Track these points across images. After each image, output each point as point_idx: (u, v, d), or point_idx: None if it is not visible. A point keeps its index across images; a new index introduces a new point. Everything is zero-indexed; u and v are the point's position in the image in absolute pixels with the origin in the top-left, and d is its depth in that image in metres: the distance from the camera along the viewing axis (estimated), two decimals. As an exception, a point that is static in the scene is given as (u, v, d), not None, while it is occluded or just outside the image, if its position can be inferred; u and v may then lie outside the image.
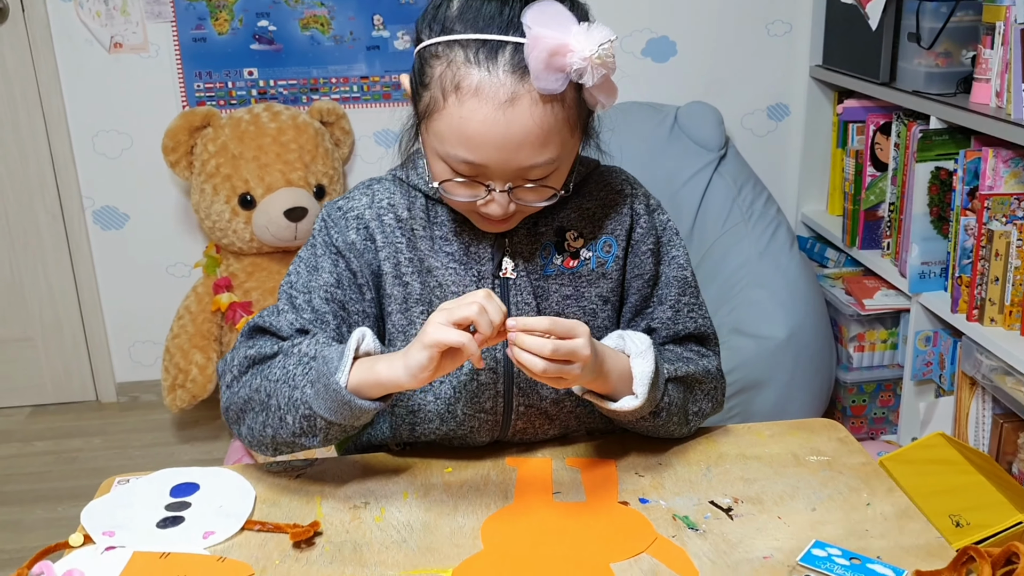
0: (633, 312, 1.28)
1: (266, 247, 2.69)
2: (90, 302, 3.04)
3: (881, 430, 2.68)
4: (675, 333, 1.27)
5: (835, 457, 1.24)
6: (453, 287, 1.20)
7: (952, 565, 0.98)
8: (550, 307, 1.23)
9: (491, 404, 1.23)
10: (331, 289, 1.20)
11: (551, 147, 1.07)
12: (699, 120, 2.75)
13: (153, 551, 1.09)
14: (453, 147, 1.07)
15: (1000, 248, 2.10)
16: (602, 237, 1.24)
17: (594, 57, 1.02)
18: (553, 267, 1.22)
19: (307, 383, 1.10)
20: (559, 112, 1.05)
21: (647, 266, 1.26)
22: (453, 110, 1.05)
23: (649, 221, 1.26)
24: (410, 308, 1.22)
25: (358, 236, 1.20)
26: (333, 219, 1.22)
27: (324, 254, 1.21)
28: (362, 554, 1.08)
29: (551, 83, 1.02)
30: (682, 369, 1.22)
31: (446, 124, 1.06)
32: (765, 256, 2.60)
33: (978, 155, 2.15)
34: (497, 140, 1.04)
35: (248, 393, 1.16)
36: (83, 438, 2.93)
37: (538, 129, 1.04)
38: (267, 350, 1.17)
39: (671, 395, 1.20)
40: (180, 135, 2.67)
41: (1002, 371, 2.08)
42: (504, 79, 1.03)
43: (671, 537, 1.09)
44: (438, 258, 1.20)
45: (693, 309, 1.29)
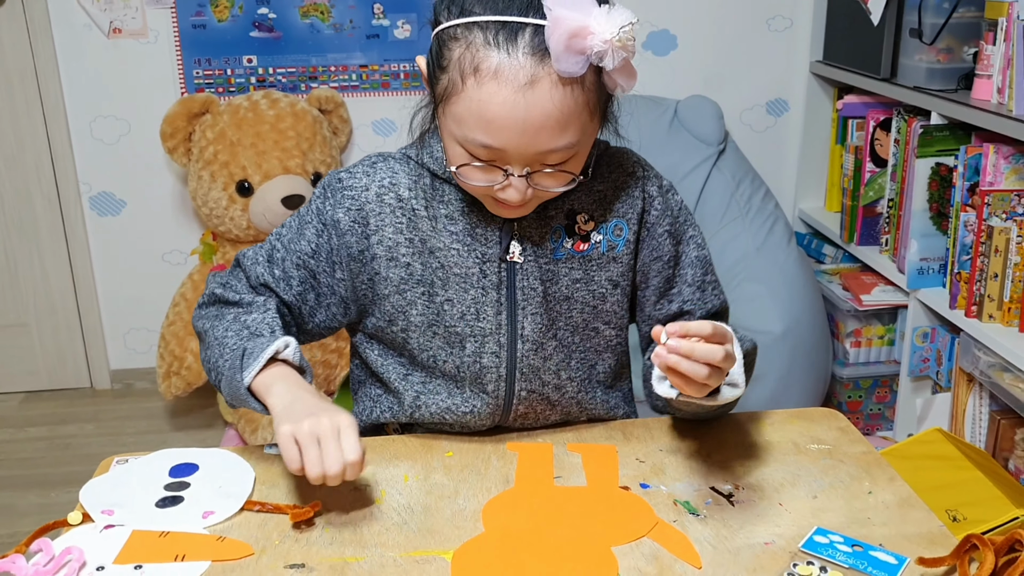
0: (658, 295, 1.27)
1: (263, 235, 2.67)
2: (85, 288, 3.03)
3: (877, 426, 2.68)
4: (706, 312, 1.28)
5: (836, 446, 1.24)
6: (456, 268, 1.19)
7: (955, 553, 0.98)
8: (559, 291, 1.22)
9: (493, 387, 1.23)
10: (305, 257, 1.22)
11: (571, 131, 1.06)
12: (699, 114, 2.74)
13: (152, 530, 1.08)
14: (471, 130, 1.05)
15: (1000, 244, 2.10)
16: (613, 220, 1.23)
17: (615, 40, 1.00)
18: (564, 250, 1.21)
19: (228, 361, 1.15)
20: (579, 95, 1.04)
21: (665, 247, 1.25)
22: (472, 93, 1.03)
23: (663, 203, 1.25)
24: (409, 289, 1.22)
25: (346, 216, 1.21)
26: (331, 190, 1.22)
27: (312, 221, 1.23)
28: (362, 535, 1.07)
29: (571, 66, 1.01)
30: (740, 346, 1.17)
31: (464, 107, 1.05)
32: (762, 251, 2.60)
33: (979, 151, 2.15)
34: (516, 123, 1.03)
35: (202, 327, 1.24)
36: (76, 424, 2.92)
37: (558, 112, 1.03)
38: (230, 296, 1.23)
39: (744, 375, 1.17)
40: (178, 121, 2.66)
41: (1000, 367, 2.09)
42: (524, 61, 1.02)
43: (672, 522, 1.08)
44: (441, 238, 1.19)
45: (716, 286, 1.30)
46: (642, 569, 1.01)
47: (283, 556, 1.04)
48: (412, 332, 1.23)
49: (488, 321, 1.20)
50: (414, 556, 1.03)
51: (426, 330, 1.23)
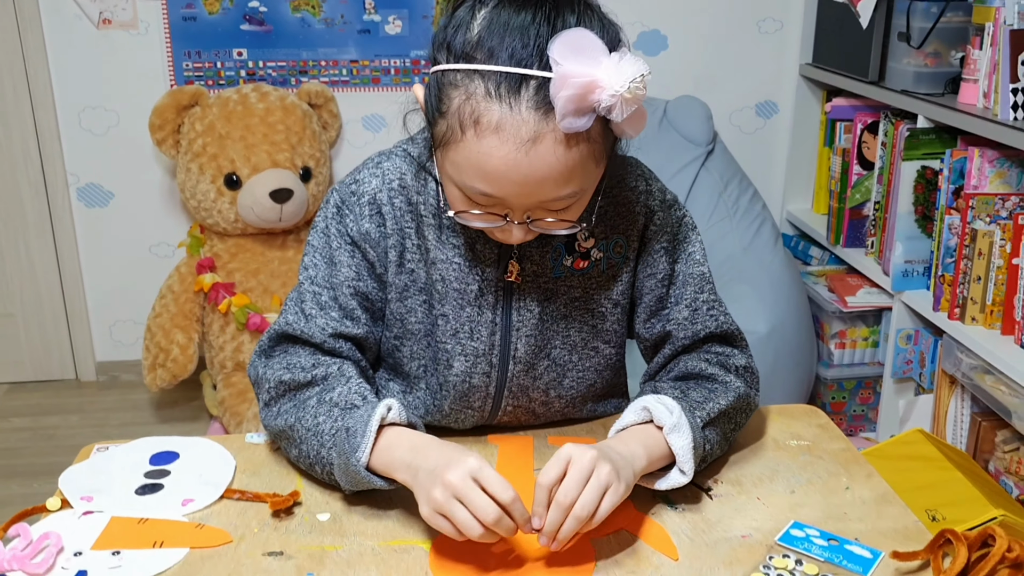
0: (648, 313, 1.21)
1: (251, 228, 2.67)
2: (72, 280, 3.02)
3: (860, 427, 2.69)
4: (694, 334, 1.20)
5: (815, 442, 1.25)
6: (455, 283, 1.15)
7: (929, 547, 0.99)
8: (558, 310, 1.18)
9: (480, 403, 1.21)
10: (353, 283, 1.16)
11: (574, 181, 1.00)
12: (688, 114, 2.76)
13: (131, 517, 1.08)
14: (470, 179, 1.00)
15: (983, 247, 2.12)
16: (613, 237, 1.17)
17: (624, 93, 0.93)
18: (563, 269, 1.16)
19: (335, 448, 1.07)
20: (584, 148, 0.98)
21: (660, 265, 1.19)
22: (472, 144, 0.97)
23: (664, 218, 1.19)
24: (411, 296, 1.18)
25: (372, 224, 1.15)
26: (348, 205, 1.16)
27: (340, 246, 1.16)
28: (341, 524, 1.07)
29: (578, 124, 0.95)
30: (716, 407, 1.14)
31: (464, 157, 0.99)
32: (749, 252, 2.61)
33: (964, 155, 2.17)
34: (518, 178, 0.98)
35: (283, 425, 1.14)
36: (61, 415, 2.91)
37: (561, 167, 0.98)
38: (300, 377, 1.13)
39: (711, 438, 1.14)
40: (167, 113, 2.66)
41: (982, 370, 2.10)
42: (527, 116, 0.95)
43: (650, 515, 1.09)
44: (443, 250, 1.15)
45: (713, 307, 1.21)
46: (619, 560, 1.01)
47: (262, 544, 1.04)
48: (407, 339, 1.20)
49: (482, 341, 1.17)
50: (392, 545, 1.04)
51: (421, 339, 1.19)
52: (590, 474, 0.97)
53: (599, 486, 0.97)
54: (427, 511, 0.98)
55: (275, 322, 1.19)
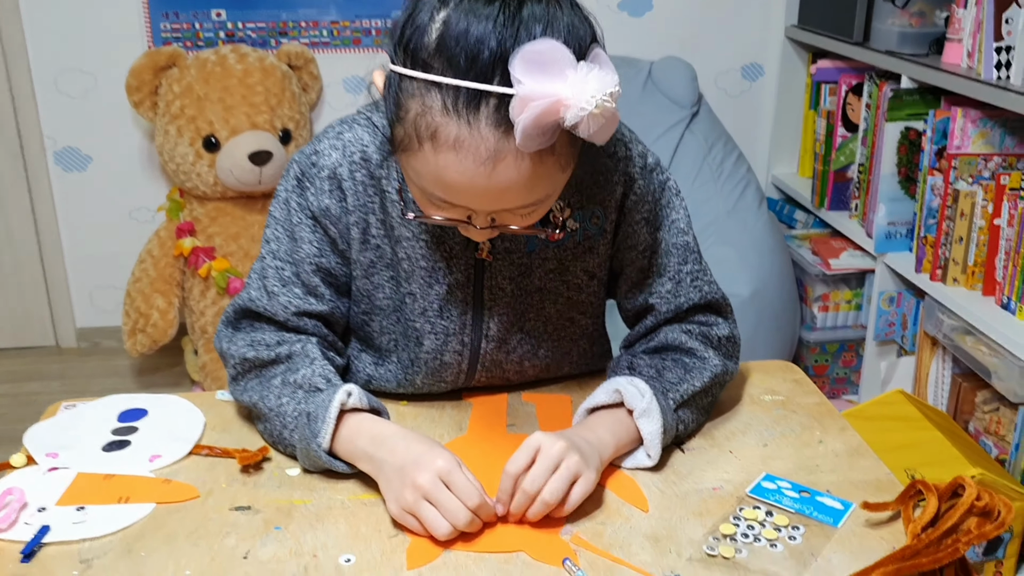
0: (629, 285, 1.18)
1: (230, 191, 2.65)
2: (50, 245, 2.99)
3: (843, 390, 2.70)
4: (677, 307, 1.16)
5: (789, 397, 1.24)
6: (422, 261, 1.11)
7: (900, 498, 0.99)
8: (532, 284, 1.14)
9: (452, 378, 1.19)
10: (315, 260, 1.13)
11: (538, 190, 0.96)
12: (673, 76, 2.73)
13: (97, 473, 1.07)
14: (430, 187, 0.96)
15: (965, 208, 2.11)
16: (590, 207, 1.12)
17: (592, 109, 0.87)
18: (538, 242, 1.12)
19: (297, 432, 1.06)
20: (548, 160, 0.93)
21: (641, 235, 1.14)
22: (429, 157, 0.93)
23: (644, 185, 1.13)
24: (377, 272, 1.15)
25: (332, 200, 1.11)
26: (308, 177, 1.11)
27: (301, 221, 1.12)
28: (311, 480, 1.06)
29: (539, 143, 0.89)
30: (690, 388, 1.12)
31: (422, 166, 0.94)
32: (733, 215, 2.60)
33: (947, 115, 2.15)
34: (478, 192, 0.93)
35: (249, 402, 1.13)
36: (41, 382, 2.89)
37: (524, 180, 0.92)
38: (264, 355, 1.12)
39: (686, 418, 1.12)
40: (144, 74, 2.62)
41: (963, 330, 2.10)
42: (487, 134, 0.89)
43: (621, 468, 1.08)
44: (409, 227, 1.11)
45: (697, 277, 1.17)
46: (590, 513, 1.00)
47: (230, 499, 1.03)
48: (375, 315, 1.18)
49: (452, 320, 1.14)
50: (362, 499, 1.03)
51: (390, 314, 1.17)
52: (558, 464, 0.97)
53: (568, 475, 0.97)
54: (396, 510, 0.97)
55: (239, 294, 1.17)
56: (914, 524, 0.92)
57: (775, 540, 0.96)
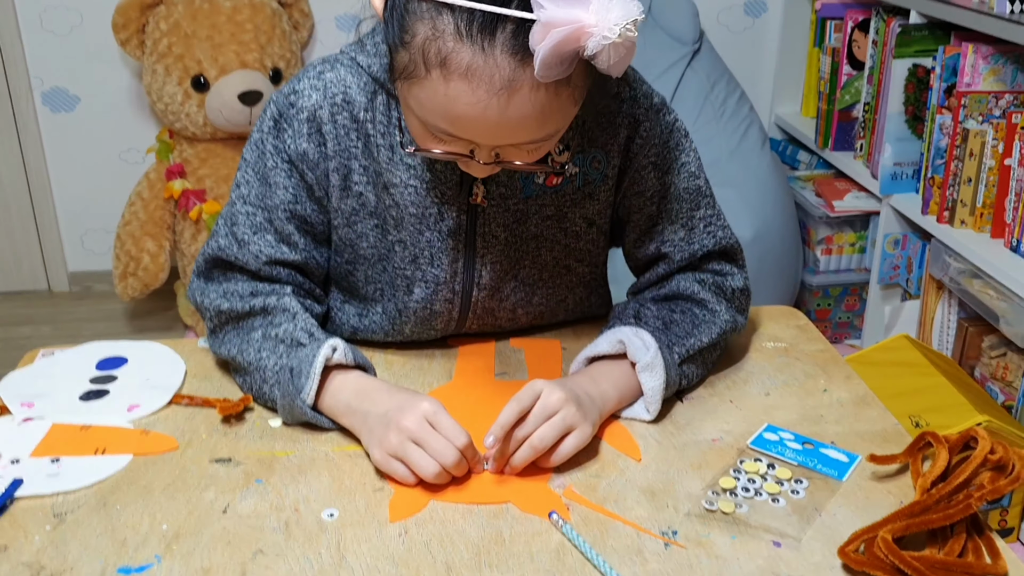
0: (639, 232, 1.12)
1: (220, 132, 2.58)
2: (40, 188, 2.93)
3: (846, 335, 2.66)
4: (691, 255, 1.11)
5: (793, 344, 1.20)
6: (412, 208, 1.05)
7: (909, 450, 0.95)
8: (528, 231, 1.09)
9: (443, 326, 1.15)
10: (290, 207, 1.07)
11: (550, 125, 0.91)
12: (673, 11, 2.65)
13: (73, 423, 1.03)
14: (434, 119, 0.90)
15: (975, 148, 2.05)
16: (591, 151, 1.07)
17: (614, 39, 0.82)
18: (535, 187, 1.06)
19: (280, 387, 1.02)
20: (564, 92, 0.88)
21: (649, 181, 1.09)
22: (437, 86, 0.87)
23: (650, 127, 1.07)
24: (360, 221, 1.09)
25: (310, 144, 1.05)
26: (286, 119, 1.05)
27: (276, 165, 1.06)
28: (293, 431, 1.03)
29: (557, 72, 0.84)
30: (697, 343, 1.07)
31: (428, 96, 0.88)
32: (735, 155, 2.53)
33: (957, 51, 2.08)
34: (488, 125, 0.88)
35: (227, 355, 1.09)
36: (32, 326, 2.86)
37: (538, 113, 0.88)
38: (239, 306, 1.07)
39: (689, 374, 1.08)
40: (131, 12, 2.54)
41: (970, 274, 2.05)
42: (502, 62, 0.84)
43: (618, 419, 1.04)
44: (396, 173, 1.05)
45: (711, 223, 1.12)
46: (583, 464, 0.97)
47: (209, 450, 0.99)
48: (359, 265, 1.12)
49: (443, 269, 1.09)
50: (347, 451, 0.99)
51: (376, 263, 1.12)
52: (554, 413, 0.94)
53: (562, 425, 0.94)
54: (379, 455, 0.94)
55: (207, 243, 1.11)
56: (923, 478, 0.88)
57: (777, 494, 0.92)
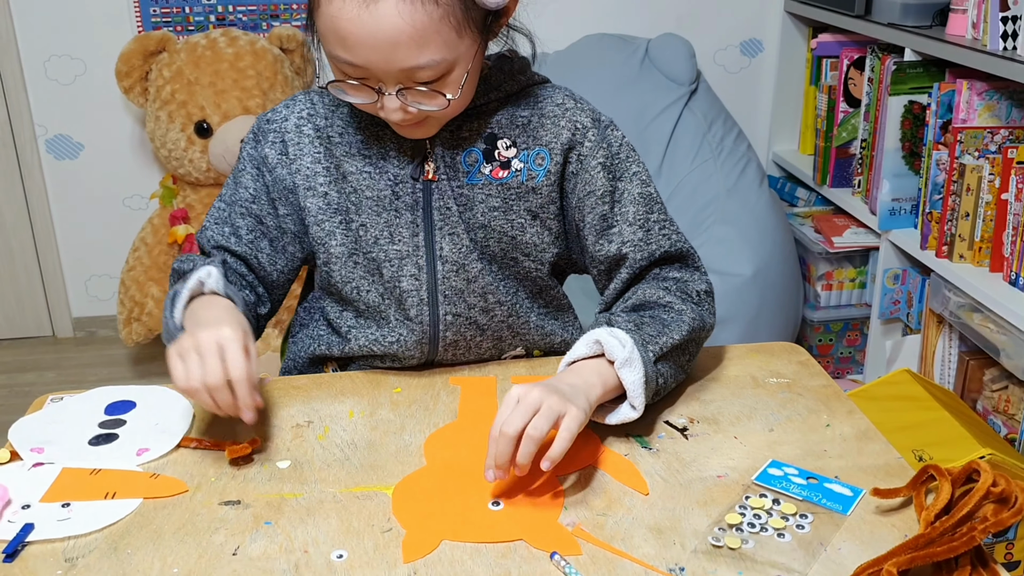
0: (595, 234, 1.19)
1: (223, 177, 2.61)
2: (44, 235, 2.95)
3: (848, 369, 2.66)
4: (650, 255, 1.18)
5: (795, 379, 1.21)
6: (368, 192, 1.16)
7: (912, 483, 0.95)
8: (475, 218, 1.17)
9: (416, 312, 1.19)
10: (248, 204, 1.20)
11: (431, 47, 1.01)
12: (670, 53, 2.68)
13: (83, 468, 1.04)
14: (333, 47, 1.03)
15: (972, 183, 2.07)
16: (536, 148, 1.17)
17: None
18: (481, 176, 1.16)
19: (165, 312, 1.12)
20: (432, 10, 0.99)
21: (599, 181, 1.17)
22: (325, 8, 1.01)
23: (598, 134, 1.17)
24: (328, 219, 1.19)
25: (272, 150, 1.19)
26: (262, 131, 1.21)
27: (245, 168, 1.21)
28: (302, 471, 1.03)
29: None
30: (669, 341, 1.10)
31: (323, 24, 1.02)
32: (734, 193, 2.56)
33: (952, 87, 2.11)
34: (367, 39, 0.99)
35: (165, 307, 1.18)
36: (37, 372, 2.86)
37: (410, 27, 0.99)
38: (184, 267, 1.18)
39: (665, 372, 1.10)
40: (134, 59, 2.58)
41: (970, 308, 2.06)
42: None
43: (623, 456, 1.05)
44: (353, 162, 1.17)
45: (665, 226, 1.19)
46: (590, 502, 0.97)
47: (219, 493, 1.00)
48: (334, 264, 1.20)
49: (404, 243, 1.17)
50: (355, 492, 1.00)
51: (347, 260, 1.19)
52: (539, 406, 0.96)
53: (550, 414, 0.95)
54: (171, 350, 1.02)
55: None
56: (927, 511, 0.89)
57: (783, 529, 0.93)
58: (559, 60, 2.74)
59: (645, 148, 2.55)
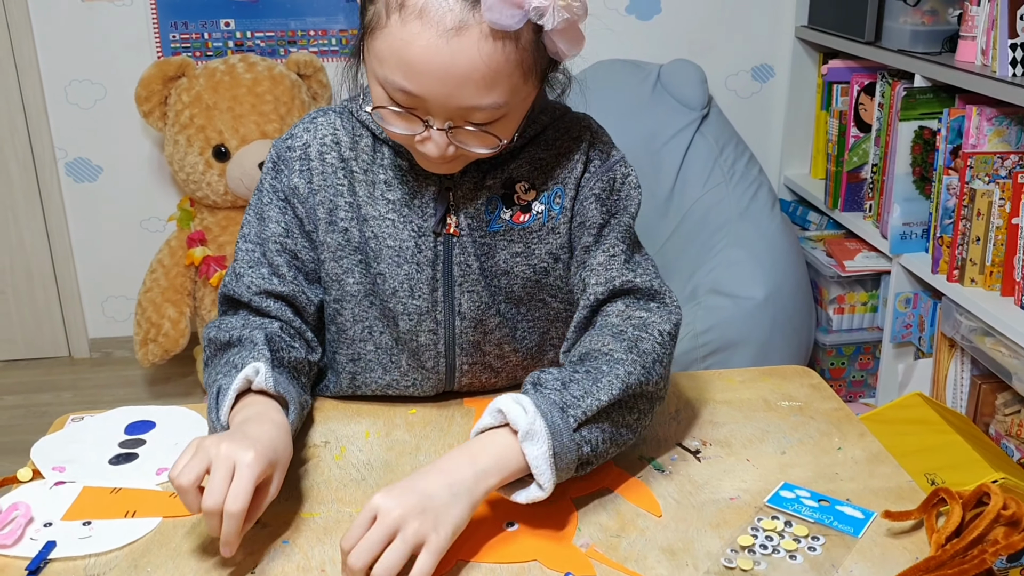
0: (575, 265, 1.15)
1: (240, 200, 2.64)
2: (62, 256, 2.99)
3: (860, 393, 2.66)
4: (608, 280, 1.10)
5: (807, 402, 1.22)
6: (389, 240, 1.12)
7: (923, 506, 0.96)
8: (497, 265, 1.13)
9: (432, 363, 1.17)
10: (281, 239, 1.14)
11: (498, 90, 0.97)
12: (682, 78, 2.71)
13: (104, 486, 1.06)
14: (392, 72, 0.96)
15: (982, 207, 2.08)
16: (554, 188, 1.13)
17: (559, 2, 0.92)
18: (501, 222, 1.12)
19: (209, 403, 1.04)
20: (511, 52, 0.95)
21: (591, 212, 1.12)
22: (395, 30, 0.94)
23: (603, 167, 1.14)
24: (346, 256, 1.14)
25: (301, 179, 1.13)
26: (283, 159, 1.15)
27: (271, 202, 1.15)
28: (319, 491, 1.05)
29: (505, 18, 0.92)
30: (593, 403, 0.98)
31: (387, 45, 0.95)
32: (745, 216, 2.57)
33: (962, 113, 2.12)
34: (438, 71, 0.94)
35: (204, 382, 1.13)
36: (53, 392, 2.89)
37: (484, 67, 0.94)
38: (223, 337, 1.11)
39: (593, 439, 0.98)
40: (154, 84, 2.62)
41: (981, 332, 2.07)
42: (453, 3, 0.92)
43: (637, 478, 1.06)
44: (376, 206, 1.12)
45: (630, 259, 1.13)
46: (603, 524, 0.98)
47: (237, 512, 1.01)
48: (347, 303, 1.16)
49: (423, 299, 1.13)
50: (371, 512, 1.01)
51: (362, 300, 1.16)
52: (395, 532, 0.86)
53: (404, 547, 0.86)
54: (194, 442, 0.93)
55: None
56: (938, 534, 0.90)
57: (795, 551, 0.94)
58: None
59: (657, 172, 2.57)
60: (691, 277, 2.53)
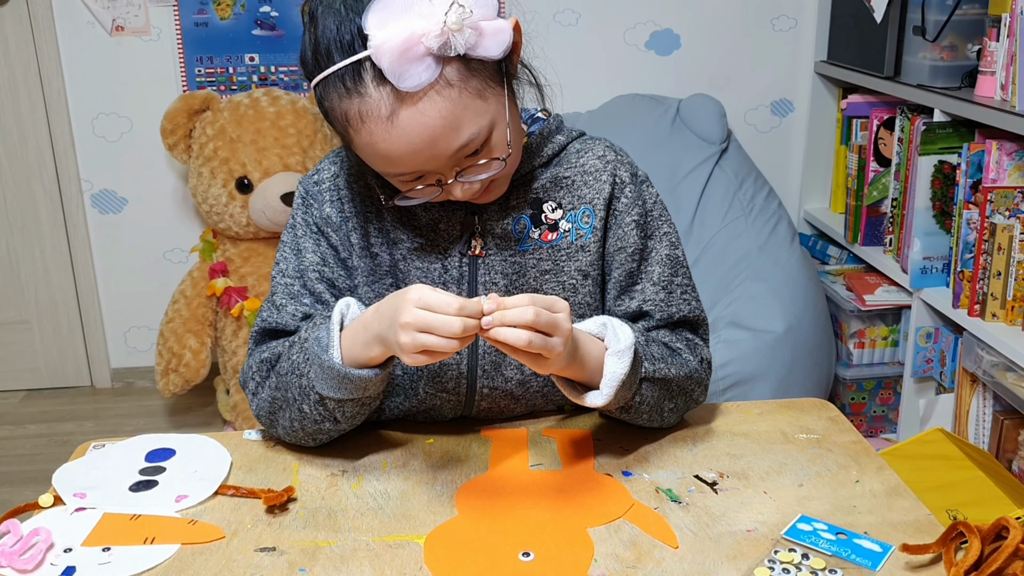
0: (619, 289, 1.19)
1: (263, 232, 2.67)
2: (86, 286, 3.03)
3: (881, 428, 2.65)
4: (669, 316, 1.19)
5: (825, 435, 1.22)
6: (418, 262, 1.16)
7: (941, 540, 0.96)
8: (527, 283, 1.17)
9: (453, 384, 1.19)
10: (320, 269, 1.17)
11: (466, 125, 1.01)
12: (701, 113, 2.72)
13: (124, 513, 1.07)
14: (381, 167, 1.05)
15: (1003, 242, 2.07)
16: (581, 207, 1.17)
17: (450, 28, 0.95)
18: (530, 241, 1.16)
19: (308, 367, 1.07)
20: (451, 93, 0.99)
21: (631, 238, 1.18)
22: (357, 140, 1.02)
23: (635, 191, 1.18)
24: (378, 280, 1.18)
25: (333, 209, 1.17)
26: (311, 194, 1.18)
27: (305, 234, 1.18)
28: (336, 520, 1.05)
29: (418, 78, 0.97)
30: (664, 371, 1.13)
31: (361, 150, 1.04)
32: (765, 250, 2.57)
33: (982, 148, 2.12)
34: (408, 148, 1.00)
35: (270, 394, 1.14)
36: (75, 422, 2.91)
37: (440, 120, 0.99)
38: (279, 348, 1.14)
39: (644, 394, 1.12)
40: (179, 118, 2.66)
41: (1003, 367, 2.05)
42: (376, 95, 0.98)
43: (653, 509, 1.06)
44: (404, 231, 1.16)
45: (687, 291, 1.21)
46: (619, 555, 0.98)
47: (254, 540, 1.02)
48: None
49: None
50: (387, 540, 1.01)
51: None
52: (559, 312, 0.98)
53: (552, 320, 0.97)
54: (408, 359, 0.98)
55: (254, 324, 1.20)
56: (957, 568, 0.89)
57: (811, 583, 0.93)
58: (592, 119, 2.79)
59: (676, 206, 2.58)
60: (711, 310, 2.52)
